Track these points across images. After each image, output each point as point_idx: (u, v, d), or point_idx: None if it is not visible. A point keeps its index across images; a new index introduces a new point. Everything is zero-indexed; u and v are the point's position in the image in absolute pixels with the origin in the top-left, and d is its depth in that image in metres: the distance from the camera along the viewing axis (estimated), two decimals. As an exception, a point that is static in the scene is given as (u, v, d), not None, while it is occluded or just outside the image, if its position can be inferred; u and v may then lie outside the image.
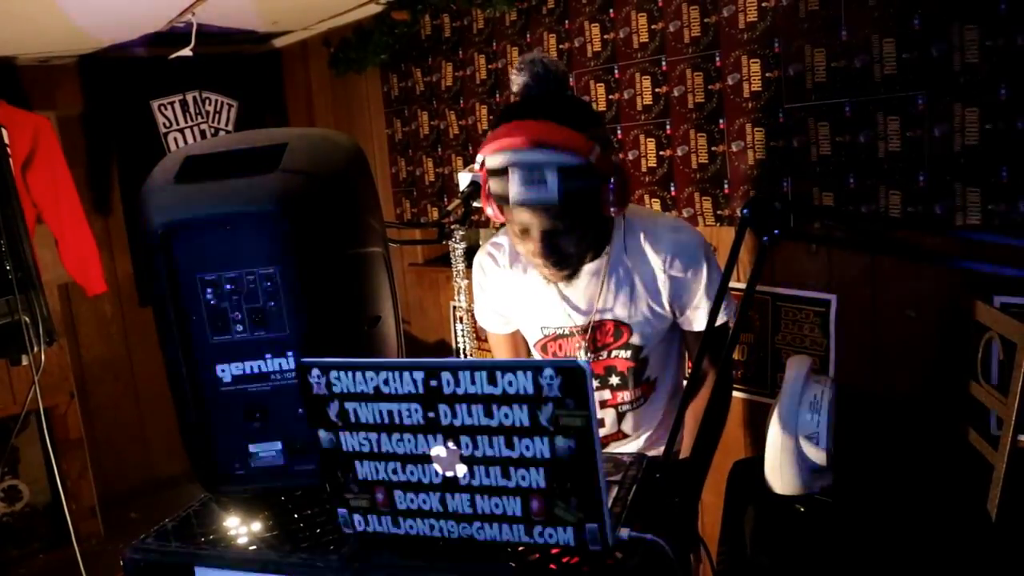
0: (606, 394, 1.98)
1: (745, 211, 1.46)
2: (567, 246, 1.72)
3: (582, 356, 1.92)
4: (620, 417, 2.00)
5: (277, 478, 1.43)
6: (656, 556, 1.20)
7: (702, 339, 1.71)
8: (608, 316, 1.90)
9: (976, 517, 1.72)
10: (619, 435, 2.02)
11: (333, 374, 1.19)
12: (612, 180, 1.65)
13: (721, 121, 2.58)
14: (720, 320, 1.80)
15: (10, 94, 3.88)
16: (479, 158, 1.71)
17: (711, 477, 2.85)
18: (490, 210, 1.76)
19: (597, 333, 1.92)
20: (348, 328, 1.44)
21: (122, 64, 4.23)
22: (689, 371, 1.95)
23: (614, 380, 1.96)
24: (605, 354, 1.94)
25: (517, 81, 1.71)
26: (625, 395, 1.98)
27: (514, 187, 1.62)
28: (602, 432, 2.01)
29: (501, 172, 1.64)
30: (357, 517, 1.27)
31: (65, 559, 3.65)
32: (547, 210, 1.64)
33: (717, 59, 2.56)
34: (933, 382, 2.19)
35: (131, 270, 4.49)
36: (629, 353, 1.93)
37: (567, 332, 1.94)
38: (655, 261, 1.83)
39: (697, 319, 1.88)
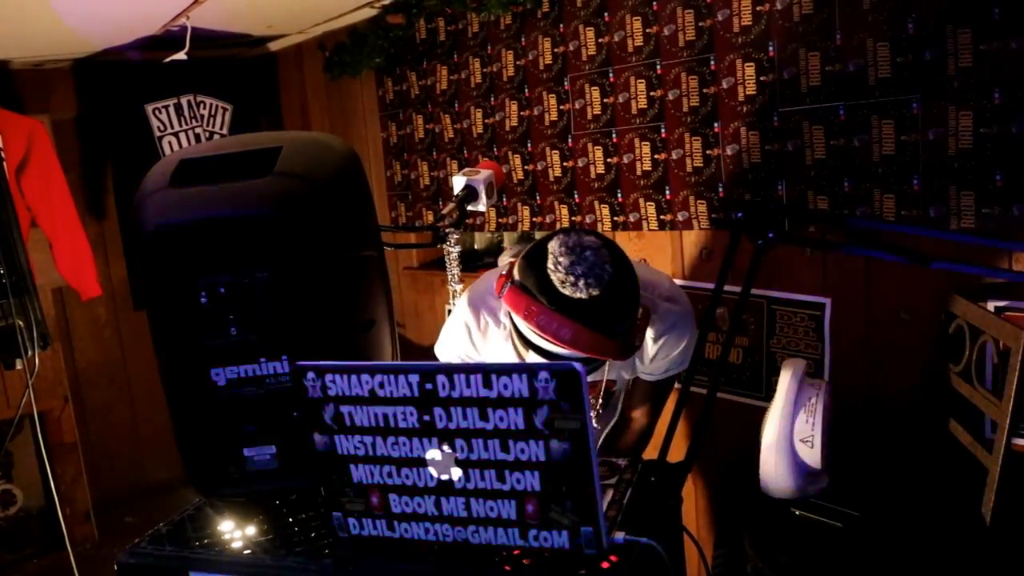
0: None
1: (740, 215, 1.47)
2: None
3: None
4: None
5: (271, 482, 1.43)
6: (651, 560, 1.20)
7: (649, 392, 2.04)
8: (599, 378, 1.99)
9: (970, 520, 1.72)
10: None
11: (328, 377, 1.19)
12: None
13: (716, 125, 2.59)
14: (671, 374, 1.98)
15: (4, 98, 3.87)
16: (515, 316, 1.66)
17: (707, 480, 2.85)
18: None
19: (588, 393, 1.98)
20: (343, 332, 1.43)
21: (116, 68, 4.22)
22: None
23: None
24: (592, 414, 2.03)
25: (569, 280, 1.58)
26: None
27: (533, 360, 1.68)
28: None
29: (525, 337, 1.68)
30: (352, 521, 1.27)
31: (59, 564, 3.64)
32: None
33: (712, 63, 2.56)
34: (927, 385, 2.19)
35: (125, 274, 4.48)
36: (606, 398, 2.06)
37: None
38: (649, 332, 1.88)
39: (653, 374, 2.00)
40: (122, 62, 4.19)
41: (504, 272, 1.69)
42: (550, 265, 1.58)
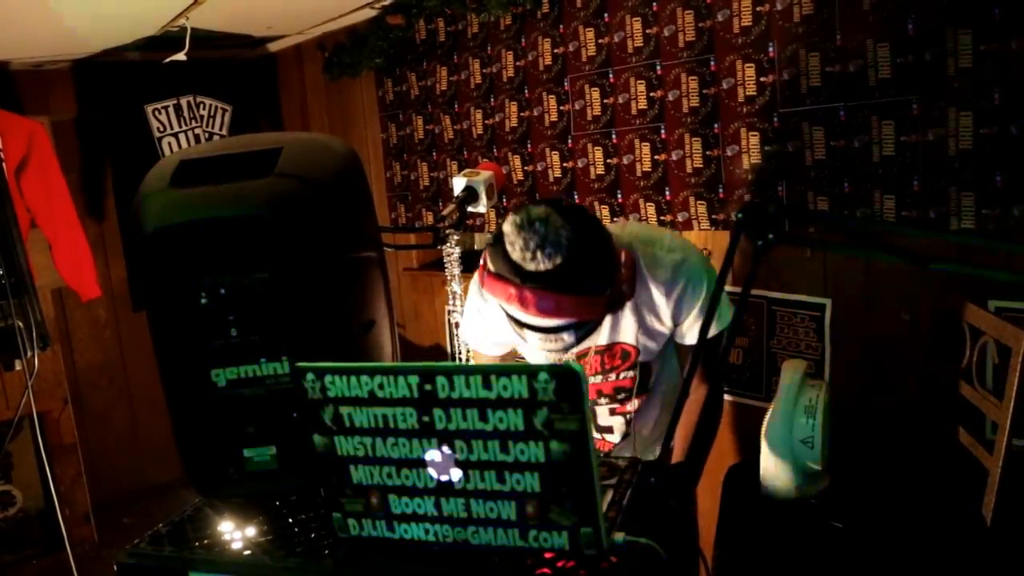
0: (615, 406, 2.02)
1: (740, 215, 1.47)
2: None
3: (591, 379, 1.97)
4: (628, 423, 2.03)
5: (271, 482, 1.43)
6: (651, 560, 1.20)
7: (693, 352, 1.78)
8: (615, 341, 1.92)
9: (971, 521, 1.72)
10: (626, 436, 2.06)
11: (328, 378, 1.18)
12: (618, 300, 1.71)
13: (716, 125, 2.59)
14: (714, 332, 1.83)
15: (4, 99, 3.87)
16: (484, 291, 1.70)
17: (706, 481, 2.85)
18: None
19: (605, 356, 1.94)
20: (343, 332, 1.43)
21: (116, 68, 4.22)
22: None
23: (622, 396, 2.01)
24: (614, 376, 1.97)
25: (520, 244, 1.58)
26: (633, 403, 2.01)
27: (532, 339, 1.69)
28: (613, 438, 2.06)
29: (516, 319, 1.68)
30: (351, 521, 1.26)
31: (59, 565, 3.64)
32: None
33: (712, 63, 2.56)
34: (927, 386, 2.19)
35: (125, 275, 4.48)
36: (636, 371, 1.96)
37: (573, 358, 1.96)
38: (657, 288, 1.83)
39: (691, 334, 1.89)
40: (122, 63, 4.19)
41: (481, 264, 1.70)
42: (507, 247, 1.59)
